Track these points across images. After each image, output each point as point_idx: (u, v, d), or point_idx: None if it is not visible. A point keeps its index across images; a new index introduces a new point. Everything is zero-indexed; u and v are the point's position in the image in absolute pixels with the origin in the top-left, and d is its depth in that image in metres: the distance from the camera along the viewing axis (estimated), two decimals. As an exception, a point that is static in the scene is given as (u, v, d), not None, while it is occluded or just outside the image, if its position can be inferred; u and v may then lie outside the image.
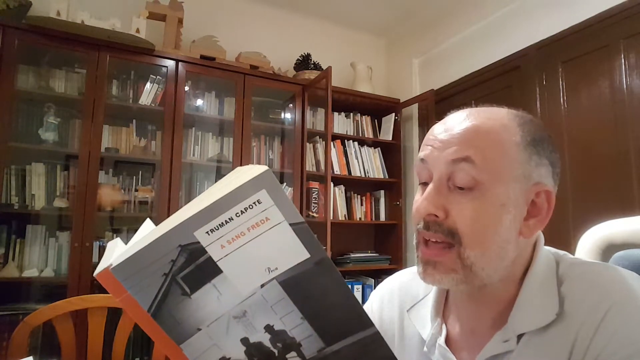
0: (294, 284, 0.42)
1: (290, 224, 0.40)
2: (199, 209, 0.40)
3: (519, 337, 0.53)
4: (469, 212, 0.52)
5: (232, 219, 0.40)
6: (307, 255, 0.41)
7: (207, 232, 0.40)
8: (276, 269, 0.41)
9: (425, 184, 0.58)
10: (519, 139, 0.54)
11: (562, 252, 0.60)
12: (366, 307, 0.77)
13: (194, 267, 0.41)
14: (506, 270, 0.55)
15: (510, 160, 0.53)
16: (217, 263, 0.41)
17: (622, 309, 0.48)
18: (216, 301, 0.42)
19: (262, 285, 0.42)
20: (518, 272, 0.57)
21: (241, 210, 0.39)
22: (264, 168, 0.39)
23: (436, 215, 0.54)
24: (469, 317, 0.60)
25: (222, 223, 0.40)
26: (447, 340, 0.61)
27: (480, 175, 0.52)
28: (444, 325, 0.62)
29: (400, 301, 0.70)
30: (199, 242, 0.40)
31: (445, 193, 0.54)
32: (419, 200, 0.57)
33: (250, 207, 0.39)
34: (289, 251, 0.41)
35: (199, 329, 0.43)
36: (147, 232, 0.43)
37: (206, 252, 0.41)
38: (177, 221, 0.40)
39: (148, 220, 0.52)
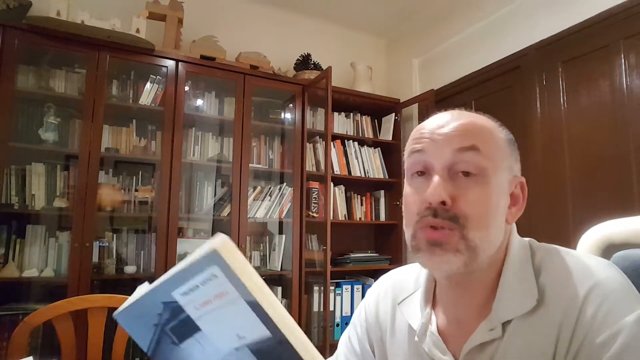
0: (264, 353, 0.41)
1: (246, 301, 0.39)
2: (174, 271, 0.41)
3: (505, 325, 0.55)
4: (475, 197, 0.56)
5: (199, 287, 0.40)
6: (269, 334, 0.40)
7: (181, 294, 0.41)
8: (244, 337, 0.41)
9: (418, 174, 0.60)
10: (503, 136, 0.61)
11: (537, 242, 0.63)
12: (363, 304, 0.79)
13: (178, 322, 0.43)
14: (494, 256, 0.59)
15: (502, 151, 0.60)
16: (195, 321, 0.42)
17: (599, 292, 0.51)
18: (201, 352, 0.44)
19: (237, 349, 0.42)
20: (498, 258, 0.60)
21: (203, 281, 0.40)
22: (219, 243, 0.38)
23: (443, 203, 0.56)
24: (454, 307, 0.63)
25: (192, 288, 0.40)
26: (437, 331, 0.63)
27: (484, 162, 0.57)
28: (433, 315, 0.65)
29: (393, 296, 0.73)
30: (177, 302, 0.42)
31: (450, 182, 0.57)
32: (419, 190, 0.59)
33: (210, 279, 0.39)
34: (252, 326, 0.40)
35: None
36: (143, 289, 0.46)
37: (184, 310, 0.42)
38: (161, 280, 0.42)
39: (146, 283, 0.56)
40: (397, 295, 0.72)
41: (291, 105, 2.77)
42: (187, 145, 2.47)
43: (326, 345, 2.45)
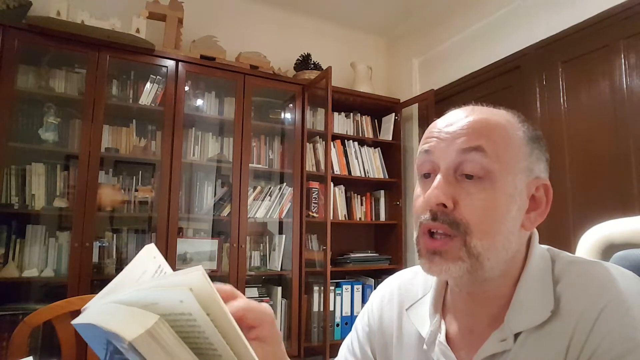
0: None
1: None
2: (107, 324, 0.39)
3: (516, 336, 0.53)
4: (479, 202, 0.53)
5: (125, 349, 0.38)
6: None
7: (118, 345, 0.39)
8: None
9: (426, 176, 0.58)
10: (522, 134, 0.57)
11: (558, 250, 0.60)
12: (367, 307, 0.77)
13: (122, 358, 0.41)
14: (507, 264, 0.56)
15: (516, 152, 0.55)
16: None
17: (617, 307, 0.48)
18: None
19: None
20: (516, 268, 0.57)
21: (125, 350, 0.38)
22: (135, 333, 0.36)
23: (444, 206, 0.53)
24: (467, 315, 0.60)
25: (122, 347, 0.39)
26: (446, 339, 0.61)
27: (491, 165, 0.53)
28: (442, 323, 0.62)
29: (399, 300, 0.70)
30: (116, 347, 0.40)
31: (454, 184, 0.54)
32: (426, 192, 0.55)
33: (129, 351, 0.37)
34: None
35: None
36: (147, 256, 0.48)
37: (125, 356, 0.40)
38: (104, 317, 0.40)
39: (152, 246, 0.53)
40: (404, 300, 0.69)
41: (291, 105, 2.77)
42: (187, 145, 2.47)
43: (326, 345, 2.45)
